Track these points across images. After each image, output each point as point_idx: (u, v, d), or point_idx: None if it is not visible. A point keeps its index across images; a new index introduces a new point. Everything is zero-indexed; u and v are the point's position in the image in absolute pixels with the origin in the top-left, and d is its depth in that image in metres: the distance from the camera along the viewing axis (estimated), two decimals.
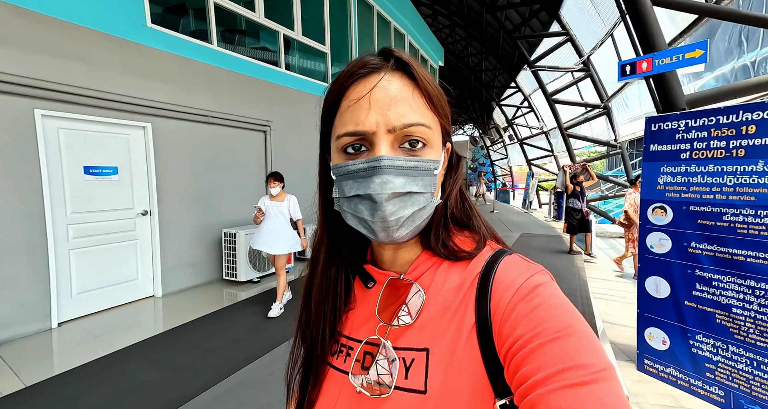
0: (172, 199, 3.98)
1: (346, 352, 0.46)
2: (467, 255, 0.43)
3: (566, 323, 0.33)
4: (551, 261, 5.36)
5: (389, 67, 0.40)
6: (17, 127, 2.78)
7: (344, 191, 0.41)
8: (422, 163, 0.40)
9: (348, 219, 0.43)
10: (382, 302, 0.45)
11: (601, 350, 0.32)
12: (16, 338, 2.79)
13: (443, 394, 0.37)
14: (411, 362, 0.40)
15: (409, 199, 0.40)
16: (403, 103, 0.39)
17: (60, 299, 3.11)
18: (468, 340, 0.38)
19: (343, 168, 0.41)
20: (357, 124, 0.38)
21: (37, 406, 2.00)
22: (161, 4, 3.95)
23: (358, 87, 0.40)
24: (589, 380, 0.29)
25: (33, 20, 2.83)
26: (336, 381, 0.45)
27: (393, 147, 0.39)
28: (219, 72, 4.39)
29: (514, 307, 0.36)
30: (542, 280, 0.38)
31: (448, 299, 0.41)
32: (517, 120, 15.96)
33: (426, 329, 0.41)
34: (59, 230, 3.12)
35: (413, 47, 10.29)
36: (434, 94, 0.42)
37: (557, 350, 0.31)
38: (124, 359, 2.56)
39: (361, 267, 0.50)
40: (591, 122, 9.53)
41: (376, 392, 0.40)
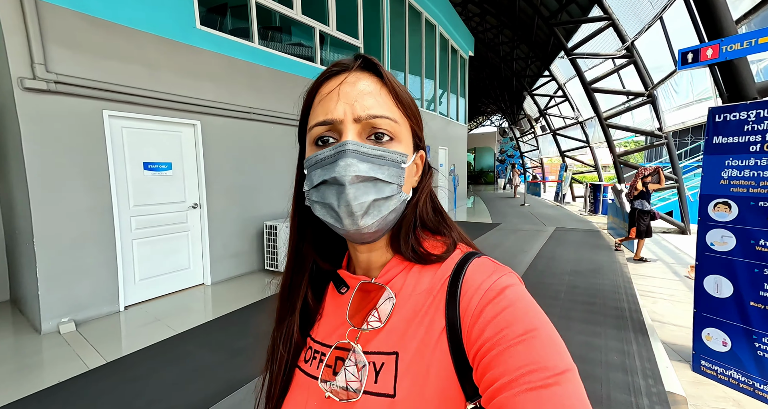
0: (218, 193, 4.19)
1: (319, 358, 0.46)
2: (437, 258, 0.43)
3: (532, 325, 0.34)
4: (590, 256, 5.21)
5: (357, 65, 0.43)
6: (89, 128, 3.02)
7: (313, 181, 0.42)
8: (388, 153, 0.41)
9: (317, 210, 0.43)
10: (353, 306, 0.45)
11: (564, 351, 0.33)
12: (92, 319, 3.08)
13: (412, 397, 0.37)
14: (381, 366, 0.40)
15: (374, 186, 0.40)
16: (369, 97, 0.41)
17: (126, 284, 3.38)
18: (438, 343, 0.38)
19: (313, 158, 0.42)
20: (326, 113, 0.41)
21: (119, 380, 2.22)
22: (205, 5, 4.11)
23: (329, 83, 0.42)
24: (551, 383, 0.30)
25: (101, 27, 3.04)
26: (305, 387, 0.46)
27: (360, 137, 0.41)
28: (259, 69, 4.53)
29: (482, 310, 0.36)
30: (510, 282, 0.38)
31: (418, 302, 0.41)
32: (550, 110, 15.38)
33: (396, 333, 0.41)
34: (124, 221, 3.38)
35: (443, 38, 10.12)
36: (401, 94, 0.43)
37: (522, 353, 0.32)
38: (186, 341, 2.76)
39: (335, 273, 0.51)
40: (633, 111, 9.04)
41: (344, 397, 0.40)
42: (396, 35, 7.58)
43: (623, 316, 3.11)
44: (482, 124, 31.54)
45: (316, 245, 0.51)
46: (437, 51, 9.64)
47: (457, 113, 11.81)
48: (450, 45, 10.68)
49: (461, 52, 11.76)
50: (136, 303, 3.50)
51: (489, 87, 22.11)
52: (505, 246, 6.06)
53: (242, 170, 4.43)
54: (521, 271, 4.53)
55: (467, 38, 12.07)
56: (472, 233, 7.23)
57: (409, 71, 8.28)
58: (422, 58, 8.89)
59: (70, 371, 2.31)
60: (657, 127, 8.12)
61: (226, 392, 2.09)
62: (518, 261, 5.02)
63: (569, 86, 13.08)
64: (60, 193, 2.87)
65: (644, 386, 2.09)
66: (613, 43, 8.68)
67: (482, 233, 7.14)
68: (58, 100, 2.82)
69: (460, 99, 12.10)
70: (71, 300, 2.96)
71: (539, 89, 15.55)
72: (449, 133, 10.95)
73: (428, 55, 9.22)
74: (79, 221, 2.99)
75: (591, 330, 2.84)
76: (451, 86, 10.98)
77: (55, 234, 2.85)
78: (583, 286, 3.91)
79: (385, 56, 7.15)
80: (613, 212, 7.21)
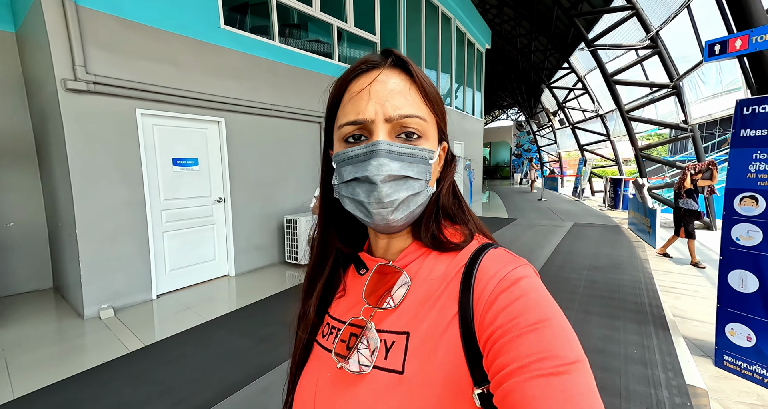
0: (241, 188, 4.33)
1: (336, 333, 0.48)
2: (454, 246, 0.45)
3: (544, 315, 0.34)
4: (610, 252, 5.15)
5: (388, 63, 0.43)
6: (123, 126, 3.18)
7: (343, 176, 0.44)
8: (417, 151, 0.42)
9: (345, 204, 0.45)
10: (369, 286, 0.47)
11: (575, 342, 0.33)
12: (128, 306, 3.27)
13: (420, 376, 0.38)
14: (391, 344, 0.41)
15: (405, 184, 0.42)
16: (399, 96, 0.42)
17: (158, 274, 3.57)
18: (449, 327, 0.39)
19: (343, 155, 0.43)
20: (358, 113, 0.41)
21: (157, 362, 2.37)
22: (227, 4, 4.22)
23: (360, 81, 0.43)
24: (562, 371, 0.31)
25: (134, 30, 3.18)
26: (320, 359, 0.48)
27: (390, 136, 0.42)
28: (279, 67, 4.63)
29: (496, 298, 0.37)
30: (525, 273, 0.39)
31: (432, 287, 0.43)
32: (568, 103, 15.03)
33: (408, 314, 0.42)
34: (155, 214, 3.56)
35: (460, 31, 10.02)
36: (430, 92, 0.44)
37: (533, 341, 0.32)
38: (215, 328, 2.91)
39: (356, 255, 0.53)
40: (656, 103, 8.77)
41: (355, 370, 0.42)
42: (412, 30, 7.56)
43: (643, 311, 3.10)
44: (498, 118, 31.06)
45: (340, 231, 0.53)
46: (453, 45, 9.55)
47: (473, 107, 11.70)
48: (466, 38, 10.57)
49: (478, 46, 11.62)
50: (167, 292, 3.68)
51: (506, 80, 21.73)
52: (522, 241, 6.03)
53: (263, 165, 4.56)
54: (538, 266, 4.53)
55: (484, 31, 11.90)
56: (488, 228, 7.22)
57: (425, 65, 8.26)
58: (438, 52, 8.84)
59: (113, 352, 2.49)
60: (682, 120, 7.86)
61: (255, 375, 2.21)
62: (535, 256, 5.01)
63: (589, 78, 12.74)
64: (99, 187, 3.05)
65: (664, 379, 2.11)
66: (637, 33, 8.42)
67: (498, 228, 7.12)
68: (96, 100, 2.98)
69: (476, 93, 11.97)
70: (110, 288, 3.15)
71: (558, 82, 15.21)
72: (465, 128, 10.88)
73: (444, 49, 9.15)
74: (116, 214, 3.18)
75: (610, 324, 2.85)
76: (467, 80, 10.88)
77: (95, 226, 3.04)
78: (602, 281, 3.89)
79: (401, 51, 7.16)
80: (634, 206, 7.05)
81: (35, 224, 3.80)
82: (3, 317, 3.10)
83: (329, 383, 0.45)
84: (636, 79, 9.10)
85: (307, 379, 0.49)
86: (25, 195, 3.73)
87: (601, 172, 15.25)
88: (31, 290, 3.77)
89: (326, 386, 0.45)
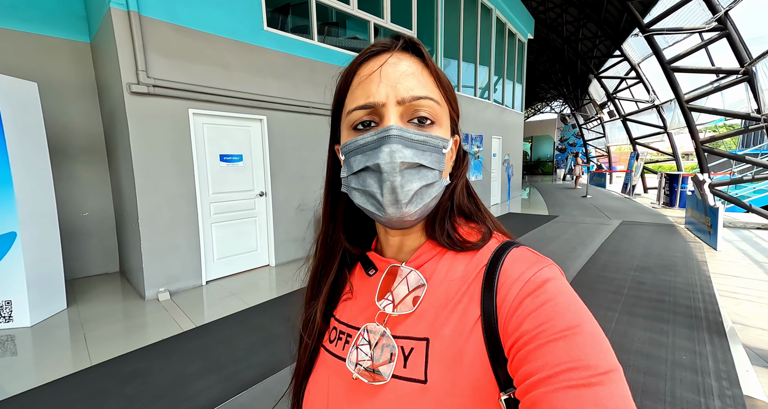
0: (281, 182, 4.55)
1: (345, 339, 0.46)
2: (472, 246, 0.42)
3: (574, 321, 0.32)
4: (661, 252, 4.79)
5: (399, 45, 0.41)
6: (178, 124, 3.47)
7: (352, 167, 0.41)
8: (431, 138, 0.40)
9: (355, 198, 0.42)
10: (382, 289, 0.44)
11: (608, 350, 0.31)
12: (181, 290, 3.59)
13: (444, 384, 0.36)
14: (410, 350, 0.39)
15: (418, 173, 0.39)
16: (411, 78, 0.39)
17: (206, 262, 3.87)
18: (472, 332, 0.37)
19: (353, 144, 0.40)
20: (368, 96, 0.39)
21: (207, 341, 2.60)
22: (270, 6, 4.41)
23: (369, 64, 0.41)
24: (595, 382, 0.28)
25: (188, 35, 3.45)
26: (329, 366, 0.46)
27: (402, 120, 0.39)
28: (318, 65, 4.77)
29: (521, 302, 0.35)
30: (551, 275, 0.37)
31: (451, 289, 0.40)
32: (620, 93, 14.01)
33: (426, 319, 0.40)
34: (205, 207, 3.85)
35: (500, 21, 9.68)
36: (442, 76, 0.42)
37: (563, 349, 0.30)
38: (257, 313, 3.11)
39: (363, 255, 0.50)
40: (723, 92, 7.94)
41: (372, 380, 0.40)
42: (450, 22, 7.43)
43: (697, 315, 2.87)
44: (541, 110, 29.64)
45: (346, 229, 0.50)
46: (493, 36, 9.25)
47: (513, 100, 11.28)
48: (507, 29, 10.18)
49: (519, 36, 11.15)
50: (215, 279, 3.98)
51: (549, 71, 20.65)
52: (563, 239, 5.78)
53: (302, 161, 4.75)
54: (579, 265, 4.33)
55: (526, 20, 11.39)
56: (526, 225, 6.98)
57: (463, 58, 8.09)
58: (477, 45, 8.61)
59: (169, 331, 2.76)
60: (755, 109, 7.07)
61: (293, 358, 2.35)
62: (577, 255, 4.78)
63: (644, 66, 11.79)
64: (158, 181, 3.36)
65: (717, 388, 1.96)
66: (701, 15, 7.66)
67: (537, 226, 6.86)
68: (155, 101, 3.28)
69: (517, 85, 11.52)
70: (166, 273, 3.47)
71: (608, 71, 14.22)
72: (504, 122, 10.53)
73: (483, 41, 8.90)
74: (172, 206, 3.48)
75: (657, 327, 2.68)
76: (507, 72, 10.50)
77: (155, 216, 3.36)
78: (650, 282, 3.64)
79: (438, 44, 7.07)
80: (693, 204, 6.47)
81: (105, 213, 4.26)
82: (80, 295, 3.53)
83: (344, 394, 0.42)
84: (699, 65, 8.30)
85: (316, 386, 0.47)
86: (96, 188, 4.19)
87: (656, 167, 14.10)
88: (101, 273, 4.24)
89: (340, 397, 0.43)
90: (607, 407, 0.27)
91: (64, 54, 3.87)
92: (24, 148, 2.84)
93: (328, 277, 0.50)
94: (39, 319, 2.91)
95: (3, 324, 2.80)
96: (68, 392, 2.04)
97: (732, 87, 7.55)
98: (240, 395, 1.99)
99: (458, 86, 8.11)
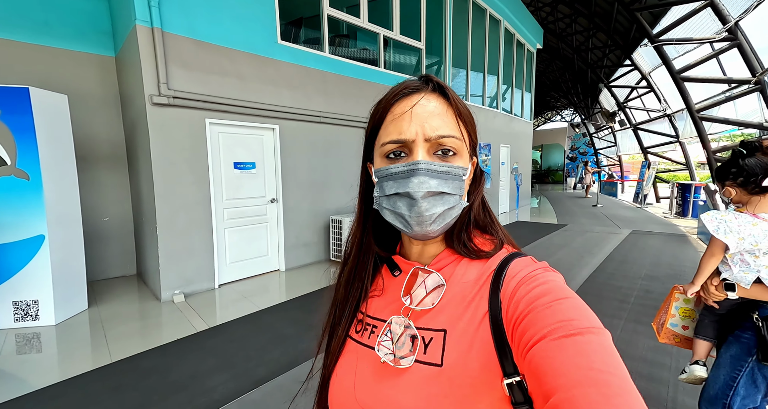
0: (292, 189, 4.68)
1: (371, 329, 0.52)
2: (485, 254, 0.49)
3: (560, 295, 0.38)
4: (671, 262, 4.75)
5: (428, 89, 0.48)
6: (195, 133, 3.64)
7: (385, 190, 0.48)
8: (453, 168, 0.47)
9: (386, 215, 0.49)
10: (406, 288, 0.51)
11: (592, 316, 0.36)
12: (195, 293, 3.72)
13: (457, 368, 0.42)
14: (429, 340, 0.46)
15: (441, 199, 0.46)
16: (438, 119, 0.46)
17: (220, 266, 4.00)
18: (481, 325, 0.43)
19: (386, 171, 0.48)
20: (400, 133, 0.46)
21: (220, 341, 2.70)
22: (284, 20, 4.60)
23: (402, 104, 0.47)
24: (575, 333, 0.33)
25: (206, 49, 3.64)
26: (356, 353, 0.52)
27: (428, 154, 0.46)
28: (329, 76, 4.94)
29: (516, 290, 0.42)
30: (545, 271, 0.44)
31: (465, 289, 0.47)
32: (630, 103, 13.95)
33: (444, 314, 0.47)
34: (219, 212, 3.99)
35: (509, 32, 9.80)
36: (464, 113, 0.49)
37: (549, 314, 0.36)
38: (268, 316, 3.21)
39: (390, 258, 0.57)
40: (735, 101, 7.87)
41: (397, 363, 0.46)
42: (458, 33, 7.58)
43: None
44: (551, 119, 29.54)
45: (375, 235, 0.58)
46: (501, 46, 9.38)
47: (521, 109, 11.34)
48: (515, 39, 10.30)
49: (528, 46, 11.26)
50: (227, 282, 4.10)
51: (560, 80, 20.66)
52: (571, 247, 5.76)
53: (312, 168, 4.89)
54: (587, 273, 4.33)
55: (535, 30, 11.51)
56: (534, 233, 6.97)
57: (471, 68, 8.21)
58: (485, 55, 8.73)
59: (184, 331, 2.87)
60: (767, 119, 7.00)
61: (305, 358, 2.43)
62: (584, 263, 4.78)
63: (655, 76, 11.75)
64: (175, 187, 3.52)
65: None
66: (711, 25, 7.67)
67: (545, 234, 6.85)
68: (175, 111, 3.46)
69: (526, 94, 11.58)
70: (182, 276, 3.61)
71: (618, 80, 14.20)
72: (513, 130, 10.57)
73: (492, 51, 9.02)
74: (188, 211, 3.63)
75: None
76: (516, 81, 10.58)
77: (172, 221, 3.51)
78: (658, 291, 3.63)
79: (446, 55, 7.21)
80: None
81: (124, 218, 4.44)
82: (99, 296, 3.69)
83: (371, 375, 0.49)
84: (710, 75, 8.26)
85: (343, 370, 0.53)
86: (117, 193, 4.39)
87: (670, 176, 13.91)
88: (119, 276, 4.41)
89: (367, 377, 0.49)
90: (585, 351, 0.32)
91: (91, 67, 4.11)
92: (54, 156, 3.03)
93: (365, 277, 0.57)
94: (63, 318, 3.06)
95: (30, 322, 2.95)
96: (90, 385, 2.16)
97: (744, 96, 7.50)
98: (253, 392, 2.08)
99: (466, 96, 8.21)
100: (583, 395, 0.29)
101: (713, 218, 1.28)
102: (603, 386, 0.29)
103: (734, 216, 1.26)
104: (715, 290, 1.35)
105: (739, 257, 1.28)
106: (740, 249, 1.24)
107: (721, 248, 1.29)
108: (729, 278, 1.31)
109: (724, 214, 1.27)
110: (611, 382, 0.30)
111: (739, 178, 1.26)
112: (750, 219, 1.23)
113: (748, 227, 1.22)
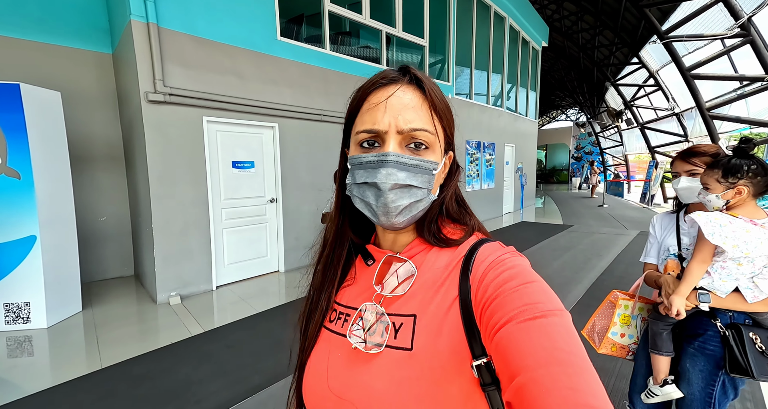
0: (292, 189, 4.59)
1: (344, 318, 0.53)
2: (454, 242, 0.50)
3: (527, 279, 0.40)
4: None
5: (405, 80, 0.48)
6: (192, 132, 3.56)
7: (356, 179, 0.49)
8: (422, 162, 0.47)
9: (356, 203, 0.50)
10: (379, 276, 0.52)
11: (556, 299, 0.38)
12: (192, 295, 3.64)
13: (427, 351, 0.43)
14: (400, 325, 0.46)
15: (408, 192, 0.46)
16: (412, 111, 0.46)
17: (218, 267, 3.92)
18: (450, 308, 0.44)
19: (357, 159, 0.48)
20: (374, 123, 0.46)
21: (215, 346, 2.61)
22: (284, 17, 4.51)
23: (378, 94, 0.47)
24: (539, 316, 0.35)
25: (204, 45, 3.55)
26: (329, 341, 0.53)
27: (400, 146, 0.47)
28: (330, 74, 4.84)
29: (485, 275, 0.43)
30: (512, 255, 0.45)
31: (435, 275, 0.48)
32: (638, 101, 13.74)
33: (414, 299, 0.47)
34: (216, 212, 3.91)
35: (514, 30, 9.66)
36: (440, 107, 0.48)
37: (516, 298, 0.38)
38: (266, 319, 3.12)
39: (363, 247, 0.57)
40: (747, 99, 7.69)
41: (368, 349, 0.47)
42: (462, 31, 7.45)
43: None
44: (556, 118, 29.28)
45: (351, 223, 0.58)
46: (506, 44, 9.23)
47: (526, 108, 11.18)
48: (520, 37, 10.15)
49: (533, 44, 11.09)
50: (225, 284, 4.02)
51: (565, 79, 20.43)
52: (577, 249, 5.63)
53: (313, 168, 4.79)
54: (594, 276, 4.20)
55: (540, 28, 11.34)
56: (539, 234, 6.84)
57: (476, 67, 8.08)
58: (489, 53, 8.60)
59: (178, 335, 2.79)
60: None
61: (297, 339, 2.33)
62: (591, 266, 4.65)
63: (663, 73, 11.54)
64: (172, 187, 3.44)
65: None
66: (723, 21, 7.48)
67: (550, 235, 6.71)
68: (171, 109, 3.37)
69: (531, 93, 11.42)
70: (178, 277, 3.53)
71: (625, 79, 13.99)
72: (517, 130, 10.43)
73: (496, 49, 8.88)
74: (185, 211, 3.55)
75: None
76: (520, 80, 10.43)
77: (168, 222, 3.43)
78: None
79: (450, 53, 7.09)
80: None
81: (121, 218, 4.37)
82: (95, 298, 3.62)
83: (343, 362, 0.49)
84: (721, 72, 8.07)
85: (316, 359, 0.53)
86: (114, 193, 4.32)
87: None
88: (116, 277, 4.34)
89: (340, 365, 0.50)
90: (549, 333, 0.34)
91: (88, 65, 4.04)
92: (46, 154, 2.96)
93: (340, 263, 0.57)
94: (55, 321, 2.99)
95: (21, 325, 2.88)
96: (80, 393, 2.08)
97: (757, 94, 7.31)
98: (246, 401, 1.99)
99: (470, 94, 8.09)
100: (548, 374, 0.31)
101: (708, 220, 1.13)
102: (566, 365, 0.32)
103: (728, 220, 1.12)
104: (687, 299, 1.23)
105: (721, 264, 1.16)
106: (732, 256, 1.12)
107: (712, 253, 1.17)
108: (706, 286, 1.19)
109: (718, 217, 1.13)
110: (573, 361, 0.32)
111: (758, 177, 1.12)
112: (744, 225, 1.10)
113: (742, 233, 1.10)
